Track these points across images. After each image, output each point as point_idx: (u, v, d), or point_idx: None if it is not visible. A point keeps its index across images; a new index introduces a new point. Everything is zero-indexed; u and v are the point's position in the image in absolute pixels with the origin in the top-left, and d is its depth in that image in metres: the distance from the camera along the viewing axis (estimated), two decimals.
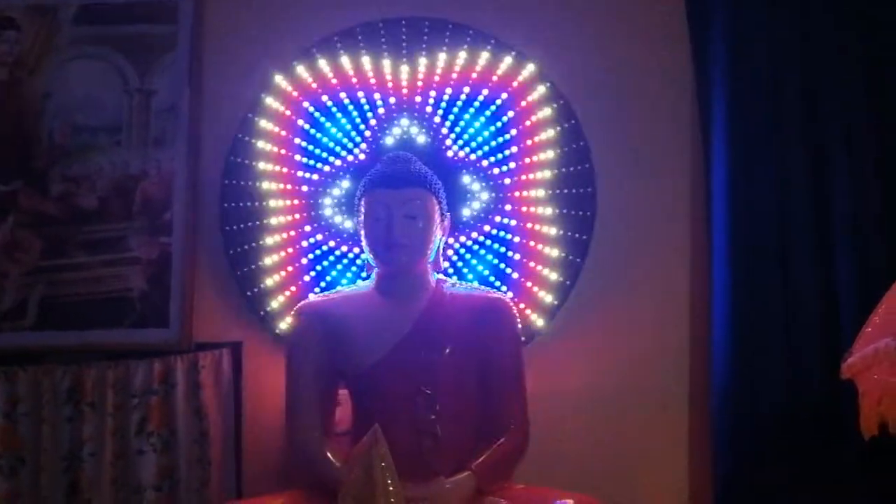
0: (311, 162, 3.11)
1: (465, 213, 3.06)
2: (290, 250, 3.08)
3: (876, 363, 2.10)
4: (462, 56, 3.13)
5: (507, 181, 3.08)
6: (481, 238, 3.07)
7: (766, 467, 2.85)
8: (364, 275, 2.92)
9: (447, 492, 2.53)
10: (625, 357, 3.09)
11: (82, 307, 3.11)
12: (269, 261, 3.08)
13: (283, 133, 3.13)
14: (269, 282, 3.07)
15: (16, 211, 3.16)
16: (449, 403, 2.67)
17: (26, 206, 3.17)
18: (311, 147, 3.11)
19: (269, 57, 3.19)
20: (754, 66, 3.07)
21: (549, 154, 3.09)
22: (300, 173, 3.10)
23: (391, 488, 2.28)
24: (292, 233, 3.09)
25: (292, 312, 2.85)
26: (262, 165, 3.11)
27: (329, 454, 2.64)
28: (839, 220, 2.94)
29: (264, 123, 3.13)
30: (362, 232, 2.78)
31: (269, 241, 3.08)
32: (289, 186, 3.10)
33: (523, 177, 3.08)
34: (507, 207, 3.07)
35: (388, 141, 3.09)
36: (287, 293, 3.07)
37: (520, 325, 2.84)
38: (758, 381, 2.90)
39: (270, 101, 3.13)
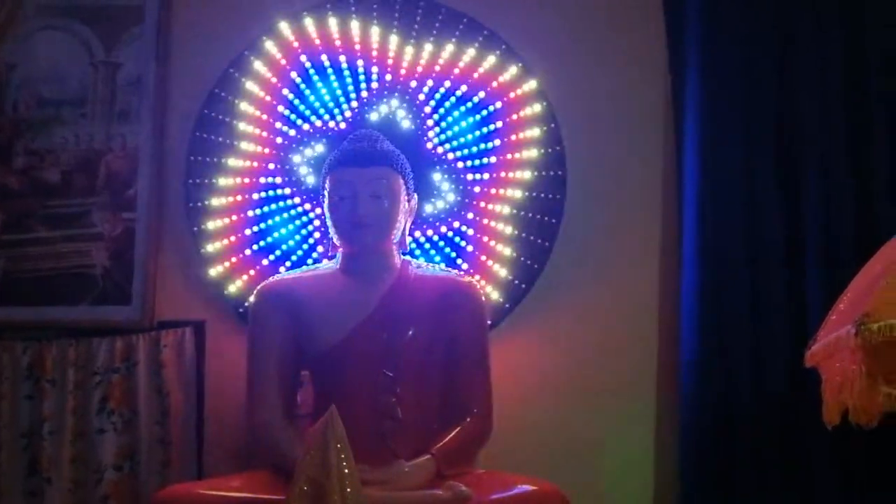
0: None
1: (428, 208, 3.00)
2: (255, 229, 3.04)
3: (837, 351, 2.07)
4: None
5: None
6: (435, 237, 3.02)
7: (731, 454, 2.83)
8: (329, 254, 2.88)
9: (406, 475, 2.50)
10: (592, 343, 3.06)
11: (44, 283, 3.08)
12: (233, 238, 3.03)
13: (265, 96, 3.09)
14: (234, 259, 3.03)
15: None
16: (411, 386, 2.64)
17: None
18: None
19: (237, 30, 3.14)
20: (727, 65, 3.04)
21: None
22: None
23: (346, 470, 2.25)
24: (258, 211, 3.05)
25: (255, 290, 2.81)
26: (239, 128, 3.07)
27: (289, 436, 2.61)
28: (807, 212, 2.91)
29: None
30: (327, 210, 2.74)
31: (234, 218, 3.04)
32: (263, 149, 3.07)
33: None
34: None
35: (373, 117, 3.03)
36: (251, 272, 3.02)
37: (486, 309, 2.80)
38: (725, 369, 2.88)
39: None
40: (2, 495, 2.96)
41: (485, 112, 3.06)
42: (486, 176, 3.03)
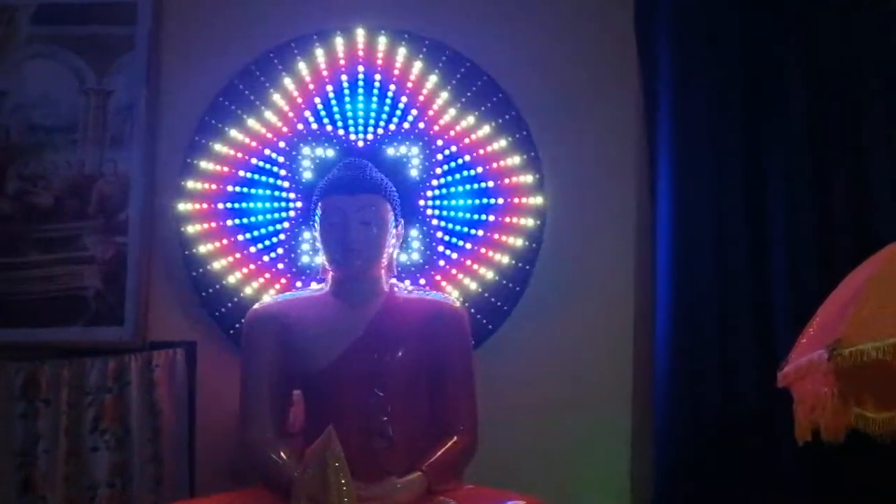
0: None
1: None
2: (245, 252, 3.12)
3: (809, 373, 2.20)
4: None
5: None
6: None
7: (705, 471, 2.96)
8: (319, 277, 2.98)
9: (398, 492, 2.59)
10: (570, 361, 3.18)
11: (37, 305, 3.14)
12: (224, 262, 3.12)
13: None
14: (226, 282, 3.11)
15: None
16: (400, 405, 2.73)
17: None
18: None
19: (227, 57, 3.23)
20: (698, 78, 3.18)
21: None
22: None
23: (344, 488, 2.35)
24: (248, 235, 3.13)
25: (247, 314, 2.89)
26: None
27: (282, 454, 2.68)
28: (774, 232, 3.06)
29: (217, 146, 3.17)
30: (318, 236, 2.83)
31: (225, 241, 3.12)
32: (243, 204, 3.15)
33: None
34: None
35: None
36: (242, 294, 3.11)
37: (470, 330, 2.91)
38: (698, 382, 3.02)
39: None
40: None
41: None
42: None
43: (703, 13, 3.20)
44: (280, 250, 3.12)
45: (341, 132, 3.16)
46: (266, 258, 3.12)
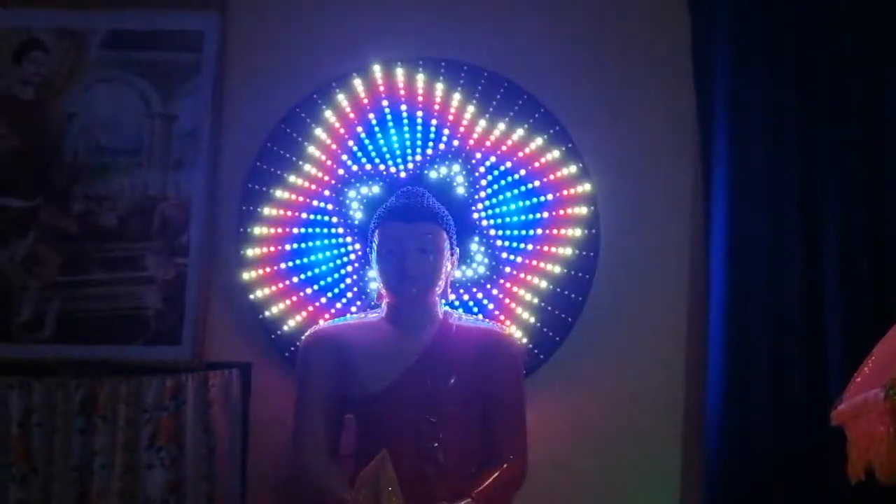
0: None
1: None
2: (302, 276, 3.17)
3: (865, 412, 2.19)
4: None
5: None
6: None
7: (756, 498, 2.95)
8: (373, 304, 3.03)
9: None
10: (621, 393, 3.19)
11: (98, 323, 3.20)
12: (281, 285, 3.17)
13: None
14: (282, 306, 3.17)
15: (37, 226, 3.25)
16: (452, 432, 2.77)
17: (47, 222, 3.25)
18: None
19: (289, 85, 3.30)
20: (753, 111, 3.19)
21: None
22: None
23: None
24: (305, 259, 3.18)
25: (303, 338, 2.95)
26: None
27: (334, 476, 2.73)
28: (829, 265, 3.06)
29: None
30: (375, 263, 2.88)
31: (283, 266, 3.18)
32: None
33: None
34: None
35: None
36: (298, 318, 3.15)
37: (522, 360, 2.94)
38: (750, 422, 3.01)
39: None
40: None
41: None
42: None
43: (759, 31, 3.22)
44: (350, 294, 3.16)
45: (382, 167, 3.20)
46: (324, 300, 3.17)
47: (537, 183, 3.20)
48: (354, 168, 3.20)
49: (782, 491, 2.94)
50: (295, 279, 3.17)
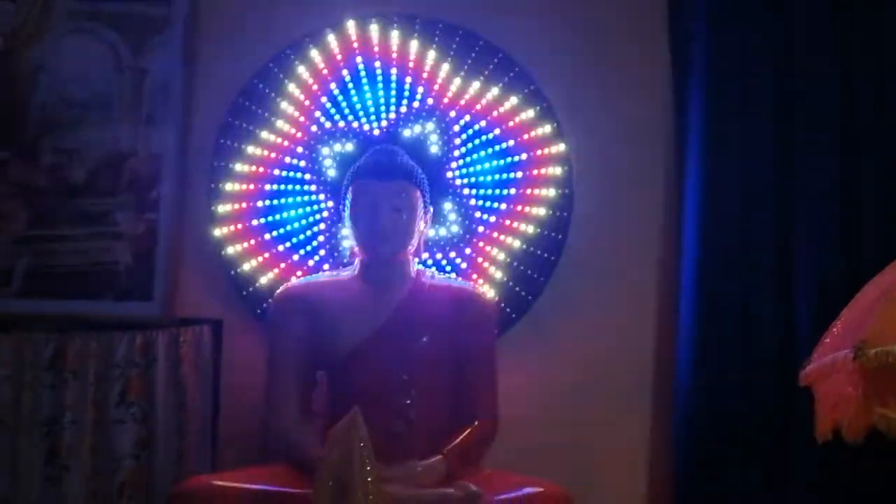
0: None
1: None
2: (274, 233, 3.16)
3: (833, 373, 2.22)
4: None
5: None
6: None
7: (725, 465, 2.99)
8: (345, 261, 3.02)
9: (419, 474, 2.63)
10: (592, 350, 3.21)
11: (67, 278, 3.17)
12: (253, 241, 3.15)
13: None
14: (254, 262, 3.15)
15: (4, 181, 3.21)
16: (424, 390, 2.78)
17: (15, 176, 3.21)
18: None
19: (263, 41, 3.26)
20: (730, 79, 3.19)
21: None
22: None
23: (368, 468, 2.39)
24: (279, 215, 3.16)
25: (274, 295, 2.94)
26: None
27: (306, 435, 2.74)
28: (801, 221, 3.08)
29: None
30: (348, 220, 2.87)
31: (255, 222, 3.16)
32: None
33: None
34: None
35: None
36: (270, 275, 3.14)
37: (495, 318, 2.95)
38: (719, 381, 3.04)
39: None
40: (21, 480, 3.05)
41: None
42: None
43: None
44: (322, 252, 3.15)
45: (355, 125, 3.18)
46: (296, 257, 3.16)
47: (511, 143, 3.19)
48: (328, 125, 3.17)
49: (751, 450, 2.98)
50: (267, 236, 3.16)
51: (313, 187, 3.15)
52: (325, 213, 3.15)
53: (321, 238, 3.15)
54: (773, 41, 3.18)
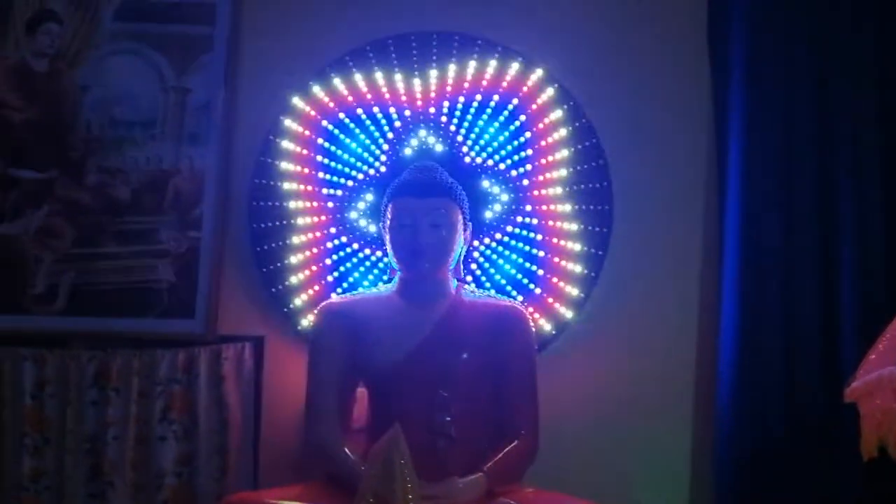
0: (334, 178, 3.20)
1: (488, 215, 3.14)
2: (314, 250, 3.18)
3: (878, 389, 2.20)
4: (472, 66, 3.21)
5: (525, 182, 3.17)
6: (506, 239, 3.16)
7: (766, 483, 2.95)
8: (385, 278, 3.03)
9: (459, 491, 2.62)
10: (632, 368, 3.19)
11: (111, 295, 3.21)
12: (294, 259, 3.18)
13: (305, 152, 3.22)
14: (294, 280, 3.17)
15: (51, 199, 3.26)
16: (464, 406, 2.76)
17: (61, 194, 3.26)
18: (332, 164, 3.20)
19: (303, 62, 3.29)
20: (770, 78, 3.18)
21: (564, 153, 3.18)
22: (325, 191, 3.20)
23: (409, 485, 2.39)
24: (318, 234, 3.18)
25: (315, 311, 2.96)
26: (286, 184, 3.22)
27: (345, 450, 2.73)
28: (844, 245, 3.04)
29: (286, 144, 3.22)
30: (387, 238, 2.88)
31: (295, 240, 3.18)
32: (314, 203, 3.21)
33: (540, 177, 3.18)
34: (528, 207, 3.17)
35: (407, 152, 3.16)
36: (310, 292, 3.16)
37: (534, 334, 2.94)
38: (762, 398, 3.01)
39: (290, 123, 3.22)
40: (65, 497, 3.09)
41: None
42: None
43: (776, 13, 3.20)
44: (362, 268, 3.18)
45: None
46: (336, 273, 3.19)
47: (551, 158, 3.20)
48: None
49: (795, 468, 2.94)
50: (308, 253, 3.17)
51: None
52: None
53: (361, 255, 3.17)
54: (815, 45, 3.16)
